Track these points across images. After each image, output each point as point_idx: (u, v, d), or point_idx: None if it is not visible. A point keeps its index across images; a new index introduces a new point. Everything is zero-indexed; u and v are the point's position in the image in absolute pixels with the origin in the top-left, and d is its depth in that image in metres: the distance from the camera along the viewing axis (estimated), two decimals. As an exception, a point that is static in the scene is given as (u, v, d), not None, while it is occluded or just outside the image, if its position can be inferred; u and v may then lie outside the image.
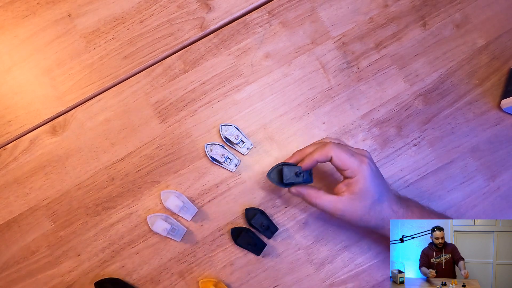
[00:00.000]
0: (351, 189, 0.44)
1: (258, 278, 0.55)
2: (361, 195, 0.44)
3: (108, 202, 0.56)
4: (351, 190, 0.44)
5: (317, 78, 0.58)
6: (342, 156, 0.44)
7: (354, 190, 0.44)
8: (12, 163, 0.56)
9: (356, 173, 0.43)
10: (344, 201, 0.44)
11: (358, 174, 0.43)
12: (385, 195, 0.45)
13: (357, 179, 0.44)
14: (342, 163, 0.44)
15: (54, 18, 0.59)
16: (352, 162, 0.43)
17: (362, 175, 0.43)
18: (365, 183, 0.43)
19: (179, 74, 0.58)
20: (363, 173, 0.43)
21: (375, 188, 0.44)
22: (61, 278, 0.54)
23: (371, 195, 0.44)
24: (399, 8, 0.60)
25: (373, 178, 0.44)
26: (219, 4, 0.59)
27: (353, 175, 0.44)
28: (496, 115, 0.58)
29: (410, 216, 0.46)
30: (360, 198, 0.44)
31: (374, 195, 0.44)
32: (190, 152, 0.57)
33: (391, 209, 0.45)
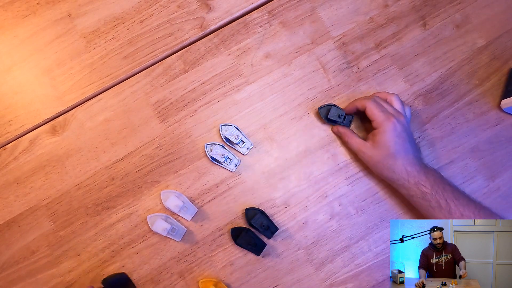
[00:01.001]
0: (373, 138, 0.52)
1: (258, 278, 0.55)
2: (379, 145, 0.51)
3: (108, 202, 0.56)
4: (373, 139, 0.52)
5: (317, 78, 0.58)
6: (373, 109, 0.52)
7: (375, 139, 0.52)
8: (12, 163, 0.56)
9: (379, 126, 0.51)
10: (367, 145, 0.53)
11: (381, 127, 0.51)
12: (401, 154, 0.50)
13: (378, 131, 0.51)
14: (371, 113, 0.52)
15: (54, 18, 0.59)
16: (379, 117, 0.51)
17: (383, 129, 0.51)
18: (383, 136, 0.51)
19: (179, 74, 0.58)
20: (384, 128, 0.51)
21: (392, 144, 0.50)
22: (61, 278, 0.54)
23: (386, 148, 0.51)
24: (399, 8, 0.60)
25: (393, 136, 0.50)
26: (219, 4, 0.59)
27: (377, 127, 0.51)
28: (496, 115, 0.58)
29: (424, 182, 0.49)
30: (378, 148, 0.51)
31: (389, 149, 0.50)
32: (190, 152, 0.57)
33: (404, 168, 0.50)
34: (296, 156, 0.57)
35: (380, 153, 0.51)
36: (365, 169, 0.57)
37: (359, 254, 0.55)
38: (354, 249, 0.55)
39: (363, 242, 0.56)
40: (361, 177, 0.57)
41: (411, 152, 0.51)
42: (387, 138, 0.51)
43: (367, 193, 0.56)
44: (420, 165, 0.51)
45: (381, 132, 0.51)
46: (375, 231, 0.56)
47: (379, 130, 0.51)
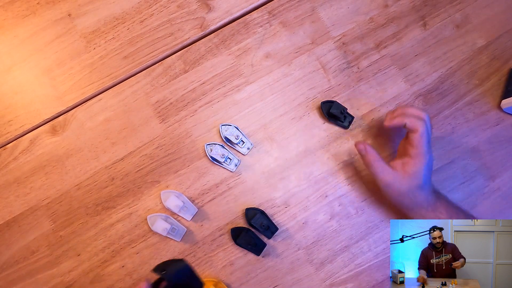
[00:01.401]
0: (405, 168, 0.48)
1: (258, 278, 0.55)
2: (411, 177, 0.47)
3: (108, 202, 0.56)
4: (405, 169, 0.48)
5: (317, 78, 0.58)
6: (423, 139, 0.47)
7: (408, 170, 0.48)
8: (12, 163, 0.56)
9: (416, 156, 0.47)
10: (395, 175, 0.48)
11: (417, 158, 0.47)
12: (428, 184, 0.49)
13: (414, 162, 0.47)
14: (417, 142, 0.47)
15: (54, 18, 0.59)
16: (423, 148, 0.47)
17: (420, 161, 0.47)
18: (418, 167, 0.47)
19: (179, 74, 0.58)
20: (422, 160, 0.47)
21: (424, 176, 0.47)
22: (61, 278, 0.54)
23: (419, 180, 0.47)
24: (399, 8, 0.60)
25: (427, 169, 0.48)
26: (219, 4, 0.59)
27: (414, 156, 0.47)
28: (496, 115, 0.58)
29: (440, 208, 0.48)
30: (409, 179, 0.47)
31: (421, 180, 0.47)
32: (190, 152, 0.57)
33: (426, 199, 0.48)
34: (296, 156, 0.57)
35: (410, 185, 0.48)
36: (364, 169, 0.57)
37: (359, 254, 0.55)
38: (354, 249, 0.55)
39: (363, 242, 0.56)
40: (361, 177, 0.57)
41: (431, 180, 0.50)
42: (421, 170, 0.47)
43: (367, 193, 0.56)
44: (435, 191, 0.50)
45: (416, 164, 0.47)
46: (375, 231, 0.56)
47: (414, 161, 0.47)
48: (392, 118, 0.49)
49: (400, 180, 0.48)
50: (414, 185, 0.47)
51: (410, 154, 0.48)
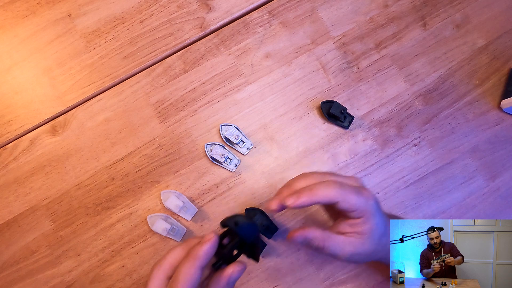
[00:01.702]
0: (358, 229, 0.40)
1: (258, 278, 0.55)
2: (371, 234, 0.40)
3: (108, 202, 0.56)
4: (359, 230, 0.40)
5: (317, 78, 0.58)
6: (350, 198, 0.38)
7: (363, 230, 0.39)
8: (12, 163, 0.56)
9: (363, 213, 0.39)
10: (353, 242, 0.40)
11: (366, 213, 0.39)
12: (386, 222, 0.42)
13: (364, 219, 0.39)
14: (348, 206, 0.38)
15: (54, 18, 0.59)
16: (360, 202, 0.38)
17: (371, 214, 0.39)
18: (373, 221, 0.40)
19: (179, 74, 0.58)
20: (371, 212, 0.39)
21: (381, 222, 0.41)
22: (61, 278, 0.54)
23: (379, 230, 0.40)
24: (399, 8, 0.60)
25: (378, 212, 0.40)
26: (219, 4, 0.59)
27: (361, 215, 0.39)
28: (496, 116, 0.58)
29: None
30: (369, 237, 0.40)
31: (381, 228, 0.41)
32: (190, 152, 0.57)
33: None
34: (296, 156, 0.57)
35: (373, 241, 0.40)
36: (364, 169, 0.57)
37: (359, 254, 0.55)
38: (354, 249, 0.55)
39: (363, 242, 0.55)
40: (361, 177, 0.57)
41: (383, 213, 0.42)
42: (376, 221, 0.40)
43: (367, 193, 0.56)
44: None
45: (368, 220, 0.39)
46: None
47: (364, 219, 0.39)
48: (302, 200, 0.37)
49: (362, 244, 0.40)
50: (378, 238, 0.40)
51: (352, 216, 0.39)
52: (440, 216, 0.56)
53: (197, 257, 0.33)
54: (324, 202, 0.38)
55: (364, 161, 0.57)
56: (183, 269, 0.33)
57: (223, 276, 0.34)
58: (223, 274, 0.35)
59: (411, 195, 0.56)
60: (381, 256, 0.43)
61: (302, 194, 0.37)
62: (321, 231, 0.40)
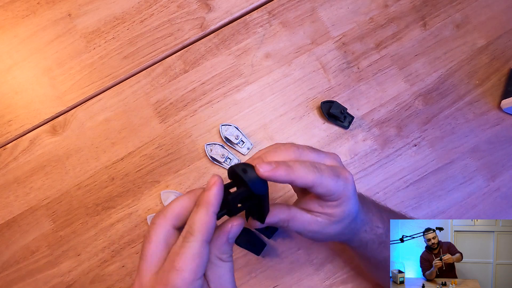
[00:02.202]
0: (329, 211, 0.36)
1: (258, 278, 0.55)
2: (341, 218, 0.37)
3: (108, 202, 0.56)
4: (330, 213, 0.36)
5: (317, 78, 0.58)
6: (327, 183, 0.34)
7: (334, 213, 0.36)
8: (12, 162, 0.56)
9: (339, 197, 0.36)
10: (320, 223, 0.37)
11: (342, 198, 0.36)
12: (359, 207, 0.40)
13: (338, 203, 0.36)
14: (326, 190, 0.34)
15: (54, 17, 0.59)
16: (338, 187, 0.35)
17: (347, 198, 0.36)
18: (347, 206, 0.37)
19: (179, 74, 0.58)
20: (348, 196, 0.36)
21: (355, 207, 0.38)
22: (61, 278, 0.54)
23: (351, 215, 0.38)
24: (399, 8, 0.60)
25: (354, 196, 0.37)
26: (219, 4, 0.59)
27: (337, 198, 0.36)
28: (496, 116, 0.58)
29: (375, 227, 0.42)
30: (339, 221, 0.37)
31: (353, 213, 0.38)
32: (190, 152, 0.57)
33: (363, 220, 0.41)
34: (296, 156, 0.57)
35: (342, 225, 0.38)
36: (364, 169, 0.57)
37: (359, 254, 0.55)
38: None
39: (363, 242, 0.55)
40: (360, 177, 0.57)
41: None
42: (351, 206, 0.37)
43: (367, 193, 0.56)
44: (363, 205, 0.41)
45: (342, 204, 0.36)
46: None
47: (339, 202, 0.36)
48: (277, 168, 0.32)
49: (329, 226, 0.37)
50: (348, 223, 0.38)
51: (328, 200, 0.36)
52: (440, 216, 0.56)
53: (209, 202, 0.30)
54: (299, 184, 0.33)
55: (364, 161, 0.57)
56: (197, 217, 0.30)
57: (222, 232, 0.32)
58: (221, 230, 0.32)
59: (411, 195, 0.56)
60: (347, 239, 0.41)
61: (280, 167, 0.32)
62: (286, 210, 0.37)
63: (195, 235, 0.29)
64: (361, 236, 0.41)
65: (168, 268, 0.29)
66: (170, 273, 0.28)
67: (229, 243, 0.32)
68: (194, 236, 0.29)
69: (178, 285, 0.28)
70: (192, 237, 0.29)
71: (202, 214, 0.30)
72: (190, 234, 0.29)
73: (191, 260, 0.29)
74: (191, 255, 0.29)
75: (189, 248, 0.29)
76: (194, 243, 0.29)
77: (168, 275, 0.28)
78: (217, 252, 0.31)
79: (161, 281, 0.29)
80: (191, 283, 0.28)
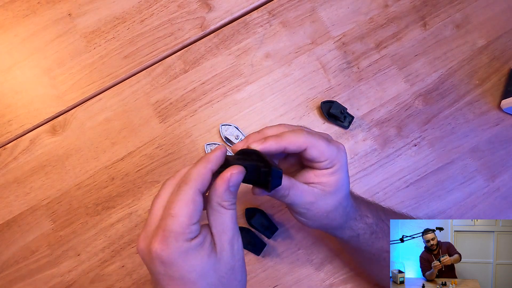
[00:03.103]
0: (324, 180, 0.37)
1: (258, 278, 0.55)
2: (336, 187, 0.37)
3: (108, 202, 0.56)
4: (325, 181, 0.37)
5: (317, 78, 0.58)
6: (319, 145, 0.35)
7: (329, 181, 0.36)
8: (12, 162, 0.56)
9: (333, 163, 0.36)
10: (316, 193, 0.37)
11: (336, 164, 0.36)
12: (349, 187, 0.40)
13: (332, 171, 0.36)
14: (319, 152, 0.35)
15: (54, 17, 0.59)
16: (331, 151, 0.36)
17: (341, 165, 0.37)
18: (341, 174, 0.37)
19: (179, 74, 0.58)
20: (342, 163, 0.37)
21: (347, 180, 0.38)
22: (61, 278, 0.54)
23: (345, 188, 0.38)
24: (399, 8, 0.60)
25: (346, 167, 0.38)
26: (220, 3, 0.59)
27: (330, 166, 0.36)
28: (496, 115, 0.58)
29: (365, 217, 0.42)
30: (333, 192, 0.37)
31: (347, 187, 0.38)
32: (190, 152, 0.57)
33: (353, 206, 0.41)
34: (296, 156, 0.57)
35: (336, 198, 0.37)
36: (364, 169, 0.57)
37: (359, 254, 0.55)
38: (354, 249, 0.55)
39: (363, 242, 0.55)
40: (360, 177, 0.57)
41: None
42: (344, 176, 0.37)
43: (367, 193, 0.56)
44: (351, 194, 0.41)
45: (337, 172, 0.36)
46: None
47: (333, 169, 0.37)
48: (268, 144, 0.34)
49: (324, 198, 0.37)
50: (341, 197, 0.38)
51: (322, 167, 0.37)
52: (440, 216, 0.56)
53: (209, 160, 0.32)
54: (292, 149, 0.35)
55: (364, 161, 0.57)
56: (193, 169, 0.32)
57: (222, 180, 0.32)
58: (222, 178, 0.32)
59: (411, 195, 0.56)
60: (338, 224, 0.40)
61: (269, 138, 0.35)
62: (288, 178, 0.37)
63: (189, 184, 0.31)
64: (351, 224, 0.41)
65: (165, 215, 0.31)
66: (167, 219, 0.30)
67: (230, 191, 0.32)
68: (188, 185, 0.31)
69: (175, 229, 0.30)
70: (186, 186, 0.31)
71: (199, 167, 0.32)
72: (185, 184, 0.31)
73: (185, 206, 0.30)
74: (185, 202, 0.30)
75: (183, 195, 0.31)
76: (188, 190, 0.31)
77: (165, 222, 0.30)
78: (219, 200, 0.32)
79: (160, 227, 0.31)
80: (187, 227, 0.30)
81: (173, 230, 0.30)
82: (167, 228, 0.30)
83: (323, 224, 0.39)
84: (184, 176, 0.32)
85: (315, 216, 0.38)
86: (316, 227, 0.40)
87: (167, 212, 0.31)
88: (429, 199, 0.56)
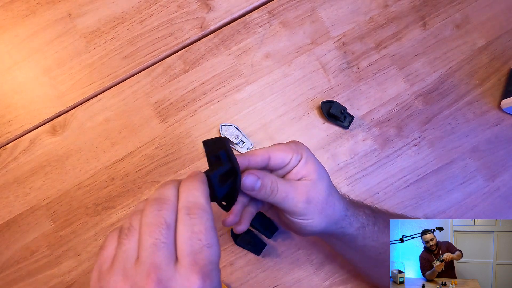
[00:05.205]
0: (304, 173, 0.37)
1: (258, 278, 0.55)
2: (319, 174, 0.37)
3: (108, 202, 0.56)
4: (306, 173, 0.37)
5: (317, 78, 0.58)
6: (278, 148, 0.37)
7: (309, 170, 0.37)
8: (12, 162, 0.56)
9: (300, 155, 0.37)
10: (306, 185, 0.37)
11: (303, 154, 0.37)
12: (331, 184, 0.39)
13: (304, 160, 0.37)
14: (281, 155, 0.37)
15: (54, 17, 0.59)
16: (289, 148, 0.37)
17: (307, 154, 0.38)
18: (314, 160, 0.38)
19: (179, 74, 0.58)
20: (307, 152, 0.38)
21: (321, 167, 0.39)
22: (61, 278, 0.54)
23: (325, 175, 0.38)
24: (399, 8, 0.60)
25: (314, 157, 0.39)
26: (219, 4, 0.59)
27: (299, 157, 0.37)
28: (496, 115, 0.58)
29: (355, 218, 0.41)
30: (319, 178, 0.37)
31: (327, 175, 0.39)
32: (190, 152, 0.57)
33: (341, 202, 0.40)
34: (296, 156, 0.57)
35: (324, 185, 0.38)
36: (364, 169, 0.57)
37: (359, 254, 0.55)
38: (354, 249, 0.55)
39: (363, 242, 0.55)
40: (360, 177, 0.57)
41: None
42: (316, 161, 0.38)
43: (367, 193, 0.56)
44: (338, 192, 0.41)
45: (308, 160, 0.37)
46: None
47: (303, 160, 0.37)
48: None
49: (315, 186, 0.37)
50: (327, 184, 0.38)
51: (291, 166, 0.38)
52: (440, 216, 0.56)
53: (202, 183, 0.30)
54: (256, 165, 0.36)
55: (364, 161, 0.57)
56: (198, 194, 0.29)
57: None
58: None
59: (411, 195, 0.56)
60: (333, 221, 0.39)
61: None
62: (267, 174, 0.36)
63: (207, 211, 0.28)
64: (353, 212, 0.41)
65: (198, 248, 0.26)
66: (204, 252, 0.26)
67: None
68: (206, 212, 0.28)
69: (215, 260, 0.27)
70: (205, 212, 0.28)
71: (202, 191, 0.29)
72: (202, 211, 0.28)
73: (214, 234, 0.27)
74: (212, 229, 0.28)
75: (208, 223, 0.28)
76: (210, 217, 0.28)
77: (201, 255, 0.26)
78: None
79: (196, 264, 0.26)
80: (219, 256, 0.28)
81: (214, 261, 0.27)
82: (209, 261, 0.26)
83: (327, 215, 0.38)
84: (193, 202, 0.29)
85: (317, 207, 0.37)
86: (322, 228, 0.38)
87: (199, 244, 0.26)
88: (429, 199, 0.56)
